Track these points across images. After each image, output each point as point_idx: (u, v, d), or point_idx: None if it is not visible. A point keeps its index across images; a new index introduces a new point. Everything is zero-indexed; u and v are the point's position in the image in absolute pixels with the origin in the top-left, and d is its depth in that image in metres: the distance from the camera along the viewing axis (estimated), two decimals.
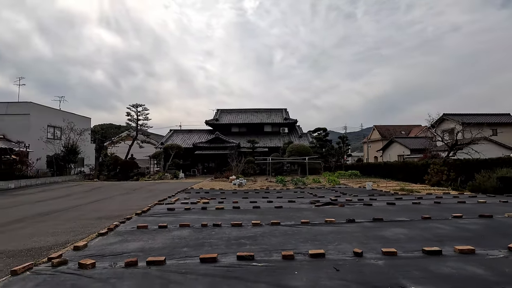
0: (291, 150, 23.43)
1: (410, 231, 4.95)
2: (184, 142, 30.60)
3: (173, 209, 7.53)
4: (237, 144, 27.99)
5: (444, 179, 13.19)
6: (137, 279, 3.09)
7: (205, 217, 6.40)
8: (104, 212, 7.97)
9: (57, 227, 6.01)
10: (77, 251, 4.15)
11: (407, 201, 8.25)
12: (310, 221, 5.74)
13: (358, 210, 7.03)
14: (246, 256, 3.64)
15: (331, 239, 4.54)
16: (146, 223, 5.79)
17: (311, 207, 7.68)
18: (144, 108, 27.56)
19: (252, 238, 4.67)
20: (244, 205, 8.08)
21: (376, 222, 5.63)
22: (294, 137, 31.94)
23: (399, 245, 4.12)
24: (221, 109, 36.25)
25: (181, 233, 5.01)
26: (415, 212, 6.53)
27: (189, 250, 4.11)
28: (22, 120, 24.77)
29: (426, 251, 3.76)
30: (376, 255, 3.72)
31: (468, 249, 3.77)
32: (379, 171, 20.72)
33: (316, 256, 3.68)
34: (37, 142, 23.93)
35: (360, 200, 8.57)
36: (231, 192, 11.82)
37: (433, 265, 3.35)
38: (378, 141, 48.72)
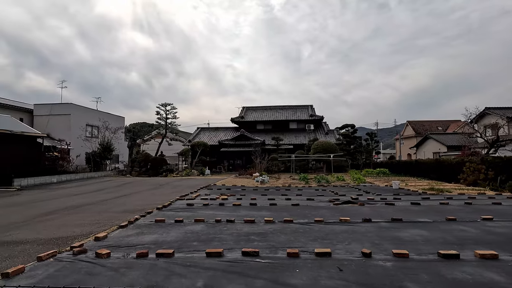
0: (316, 147, 23.00)
1: (430, 232, 4.67)
2: (210, 140, 31.29)
3: (192, 204, 7.77)
4: (262, 141, 28.07)
5: (481, 178, 12.20)
6: (144, 269, 3.26)
7: (221, 213, 6.53)
8: (129, 206, 8.44)
9: (84, 219, 6.49)
10: (97, 241, 4.45)
11: (434, 201, 7.77)
12: (324, 219, 5.64)
13: (378, 210, 6.76)
14: (250, 252, 3.68)
15: (342, 238, 4.43)
16: (164, 217, 6.05)
17: (329, 205, 7.52)
18: (172, 107, 28.59)
19: (262, 234, 4.70)
20: (262, 202, 8.12)
21: (394, 223, 5.39)
22: (320, 134, 31.31)
23: (414, 247, 3.92)
24: (247, 107, 36.52)
25: (195, 228, 5.17)
26: (441, 213, 6.14)
27: (199, 244, 4.24)
28: (64, 120, 26.92)
29: (441, 254, 3.54)
30: (385, 257, 3.57)
31: (490, 254, 3.49)
32: (410, 169, 19.66)
33: (322, 255, 3.62)
34: (76, 140, 25.88)
35: (382, 199, 8.23)
36: (251, 189, 11.91)
37: (446, 269, 3.15)
38: (412, 137, 46.19)
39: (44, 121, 26.93)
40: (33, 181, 15.56)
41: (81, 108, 28.48)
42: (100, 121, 27.17)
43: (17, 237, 5.04)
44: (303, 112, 34.21)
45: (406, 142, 48.18)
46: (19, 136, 15.34)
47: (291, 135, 31.25)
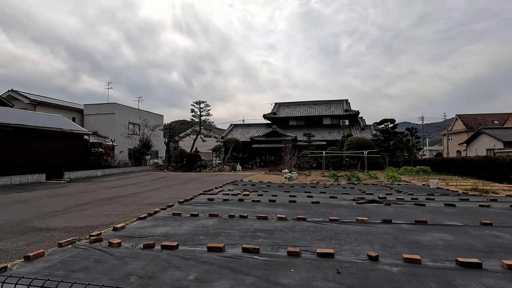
0: (350, 144, 22.05)
1: (456, 237, 4.22)
2: (243, 136, 31.67)
3: (213, 199, 7.94)
4: (294, 137, 27.68)
5: None
6: (146, 260, 3.41)
7: (237, 208, 6.58)
8: (157, 199, 8.88)
9: (112, 210, 6.99)
10: (115, 231, 4.76)
11: (473, 203, 6.99)
12: (339, 218, 5.39)
13: (404, 210, 6.28)
14: (250, 249, 3.65)
15: (353, 239, 4.19)
16: (183, 211, 6.26)
17: (352, 204, 7.16)
18: (206, 105, 29.47)
19: (270, 231, 4.64)
20: (282, 198, 8.01)
21: (418, 225, 4.96)
22: (355, 130, 29.97)
23: (431, 253, 3.57)
24: (279, 103, 36.24)
25: (207, 222, 5.28)
26: (476, 216, 5.51)
27: (205, 238, 4.31)
28: (109, 118, 29.17)
29: (460, 262, 3.17)
30: (394, 261, 3.30)
31: None
32: (456, 167, 17.93)
33: (324, 255, 3.46)
34: (120, 137, 27.94)
35: (413, 199, 7.62)
36: (276, 186, 11.83)
37: (461, 279, 2.81)
38: (462, 132, 42.16)
39: (92, 119, 29.49)
40: (81, 174, 17.16)
41: (124, 107, 30.63)
42: (140, 119, 28.96)
43: (50, 224, 5.59)
44: (337, 107, 32.99)
45: (455, 138, 44.09)
46: (68, 134, 17.00)
47: (325, 131, 30.36)
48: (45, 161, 15.30)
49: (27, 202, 8.59)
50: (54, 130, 16.10)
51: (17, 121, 14.55)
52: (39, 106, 25.45)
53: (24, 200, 8.99)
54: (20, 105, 24.47)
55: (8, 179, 13.16)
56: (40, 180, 14.63)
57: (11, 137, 13.96)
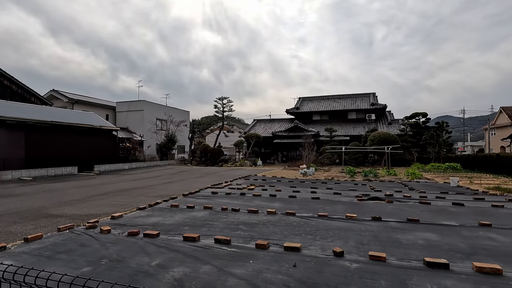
0: (373, 139, 21.19)
1: (442, 238, 4.02)
2: (265, 131, 31.77)
3: (217, 192, 8.20)
4: (316, 132, 27.23)
5: None
6: (124, 246, 3.70)
7: (234, 202, 6.76)
8: (168, 191, 9.36)
9: (121, 201, 7.53)
10: (112, 219, 5.17)
11: (486, 203, 6.49)
12: (329, 214, 5.35)
13: (403, 208, 6.03)
14: (222, 240, 3.80)
15: (330, 235, 4.17)
16: (183, 203, 6.58)
17: (352, 201, 7.01)
18: (229, 100, 29.93)
19: (252, 225, 4.75)
20: (284, 193, 8.05)
21: (407, 223, 4.77)
22: (382, 124, 28.70)
23: (403, 252, 3.47)
24: (303, 97, 35.72)
25: (198, 214, 5.52)
26: (481, 217, 5.14)
27: (188, 229, 4.54)
28: (138, 115, 30.80)
29: (427, 262, 3.06)
30: (358, 258, 3.26)
31: (491, 269, 2.87)
32: (490, 165, 16.53)
33: (290, 249, 3.51)
34: (148, 132, 29.44)
35: (421, 198, 7.25)
36: (287, 181, 11.82)
37: (418, 279, 2.73)
38: (507, 126, 38.50)
39: (123, 116, 31.36)
40: (109, 167, 18.46)
41: (152, 104, 32.15)
42: (166, 115, 30.22)
43: (62, 211, 6.20)
44: (363, 100, 31.75)
45: (499, 133, 40.43)
46: (98, 130, 18.32)
47: (349, 125, 29.43)
48: (78, 155, 16.68)
49: (54, 191, 9.50)
50: (85, 126, 17.45)
51: (53, 118, 16.00)
52: (77, 104, 27.60)
53: (53, 189, 9.95)
54: (60, 104, 26.73)
55: (45, 170, 14.58)
56: (73, 172, 16.01)
57: (48, 133, 15.41)
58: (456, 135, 78.11)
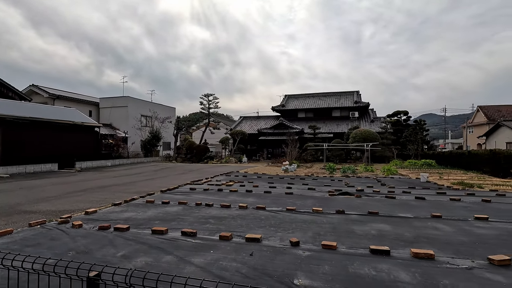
0: (355, 136, 21.78)
1: (393, 228, 4.37)
2: (251, 128, 31.97)
3: (195, 189, 8.38)
4: (300, 129, 27.65)
5: None
6: (93, 239, 3.86)
7: (210, 198, 6.97)
8: (147, 188, 9.45)
9: (98, 197, 7.60)
10: (86, 215, 5.28)
11: (445, 197, 6.96)
12: (297, 208, 5.64)
13: (369, 202, 6.40)
14: (188, 233, 4.01)
15: (293, 227, 4.45)
16: (159, 199, 6.73)
17: (324, 196, 7.35)
18: (214, 97, 29.92)
19: (222, 218, 4.98)
20: (261, 189, 8.31)
21: (367, 216, 5.12)
22: (364, 122, 29.42)
23: (354, 241, 3.79)
24: (289, 95, 36.08)
25: (171, 209, 5.70)
26: (436, 210, 5.54)
27: (159, 223, 4.73)
28: (122, 111, 30.36)
29: (371, 249, 3.38)
30: (311, 247, 3.55)
31: (425, 254, 3.21)
32: (462, 161, 17.35)
33: (251, 240, 3.76)
34: (132, 129, 29.11)
35: (389, 192, 7.66)
36: (267, 177, 12.11)
37: (359, 263, 3.03)
38: (483, 125, 40.17)
39: (107, 112, 30.86)
40: (91, 164, 18.26)
41: (136, 100, 31.74)
42: (151, 111, 29.96)
43: (37, 208, 6.24)
44: (347, 98, 32.40)
45: (476, 131, 42.08)
46: (80, 126, 18.06)
47: (333, 123, 30.02)
48: (58, 152, 16.43)
49: (31, 188, 9.43)
50: (66, 123, 17.18)
51: (32, 114, 15.67)
52: (58, 100, 26.94)
53: (30, 186, 9.86)
54: (40, 99, 26.05)
55: (23, 167, 14.32)
56: (53, 169, 15.78)
57: (26, 129, 15.10)
58: (440, 132, 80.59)
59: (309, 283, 2.62)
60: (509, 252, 3.38)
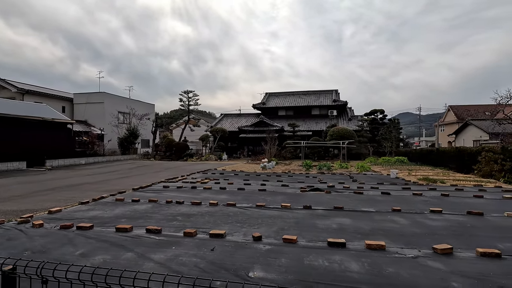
0: (332, 134, 22.32)
1: (354, 222, 4.57)
2: (232, 126, 31.93)
3: (168, 186, 8.32)
4: (280, 127, 27.95)
5: (496, 169, 11.03)
6: (52, 238, 3.78)
7: (182, 195, 6.95)
8: (120, 186, 9.27)
9: (66, 196, 7.38)
10: (49, 214, 5.13)
11: (408, 192, 7.33)
12: (266, 204, 5.75)
13: (337, 198, 6.63)
14: (153, 230, 4.01)
15: (259, 222, 4.55)
16: (130, 197, 6.64)
17: (295, 192, 7.52)
18: (194, 94, 29.60)
19: (190, 215, 5.00)
20: (234, 186, 8.37)
21: (332, 211, 5.31)
22: (342, 120, 30.18)
23: (315, 235, 3.94)
24: (270, 93, 36.31)
25: (140, 207, 5.65)
26: (397, 204, 5.84)
27: (126, 220, 4.68)
28: (98, 107, 29.43)
29: (328, 242, 3.53)
30: (273, 241, 3.66)
31: (377, 245, 3.40)
32: (431, 158, 18.26)
33: (215, 236, 3.82)
34: (109, 126, 28.26)
35: (359, 188, 7.97)
36: (244, 175, 12.19)
37: (315, 255, 3.17)
38: (453, 123, 42.32)
39: (82, 109, 29.77)
40: (63, 162, 17.58)
41: (113, 96, 30.82)
42: (128, 108, 29.21)
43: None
44: (326, 97, 33.07)
45: (447, 129, 44.28)
46: (50, 123, 17.32)
47: (312, 121, 30.58)
48: (27, 149, 15.69)
49: None
50: (35, 119, 16.42)
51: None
52: (27, 94, 25.64)
53: None
54: (8, 94, 24.69)
55: None
56: (21, 168, 15.07)
57: None
58: (416, 130, 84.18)
59: (264, 275, 2.72)
60: (455, 241, 3.65)
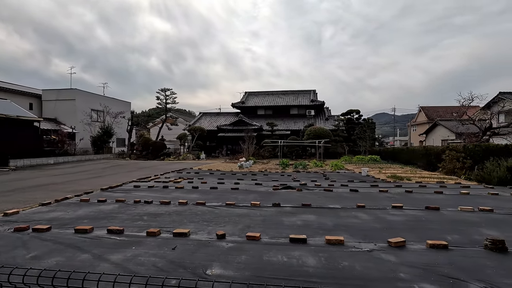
0: (309, 133, 22.74)
1: (319, 218, 4.70)
2: (211, 125, 31.67)
3: (139, 186, 8.13)
4: (259, 126, 28.07)
5: (458, 167, 11.71)
6: (5, 241, 3.58)
7: (152, 195, 6.81)
8: (89, 186, 8.92)
9: (28, 197, 7.02)
10: (5, 216, 4.86)
11: (375, 189, 7.63)
12: (236, 203, 5.77)
13: (307, 196, 6.76)
14: (114, 230, 3.91)
15: (227, 221, 4.56)
16: (96, 197, 6.41)
17: (268, 190, 7.60)
18: (172, 92, 29.02)
19: (157, 215, 4.92)
20: (208, 185, 8.32)
21: (300, 208, 5.43)
22: (320, 120, 30.80)
23: (278, 231, 4.00)
24: (249, 92, 36.35)
25: (106, 208, 5.48)
26: (363, 200, 6.06)
27: (88, 221, 4.52)
28: (69, 105, 28.15)
29: (290, 238, 3.61)
30: (236, 239, 3.69)
31: (336, 240, 3.52)
32: (402, 156, 19.08)
33: (179, 235, 3.78)
34: (81, 124, 27.11)
35: (329, 186, 8.18)
36: (220, 174, 12.14)
37: (275, 251, 3.22)
38: (424, 124, 44.41)
39: (51, 106, 28.35)
40: (29, 162, 16.66)
41: (85, 93, 29.58)
42: (101, 105, 28.17)
43: None
44: (305, 97, 33.60)
45: (419, 129, 46.42)
46: (14, 120, 16.35)
47: (291, 120, 30.96)
48: None
49: None
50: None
51: None
52: None
53: None
54: None
55: None
56: None
57: None
58: (391, 130, 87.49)
59: (221, 272, 2.73)
60: (410, 234, 3.85)
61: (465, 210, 5.14)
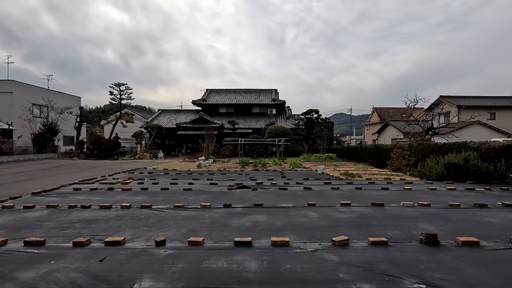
0: (270, 132, 22.94)
1: (268, 219, 4.59)
2: (170, 122, 30.45)
3: (80, 189, 7.39)
4: (220, 124, 27.64)
5: (403, 164, 12.57)
6: None
7: (92, 198, 6.21)
8: (20, 190, 7.87)
9: None
10: None
11: (327, 186, 7.82)
12: (185, 205, 5.46)
13: (261, 195, 6.67)
14: (33, 242, 3.39)
15: (171, 225, 4.25)
16: (23, 203, 5.64)
17: (223, 190, 7.38)
18: (127, 87, 27.28)
19: (92, 221, 4.43)
20: (159, 186, 7.86)
21: (251, 208, 5.29)
22: (281, 119, 31.29)
23: (226, 234, 3.81)
24: (211, 89, 35.65)
25: (32, 215, 4.82)
26: (315, 198, 6.12)
27: (5, 232, 3.91)
28: (6, 98, 25.05)
29: (235, 241, 3.43)
30: (178, 245, 3.41)
31: (281, 241, 3.42)
32: (356, 154, 20.09)
33: (111, 244, 3.39)
34: (20, 120, 24.26)
35: (285, 184, 8.20)
36: (175, 173, 11.61)
37: (217, 256, 3.01)
38: (377, 124, 47.51)
39: None
40: None
41: (25, 86, 26.58)
42: (45, 100, 25.55)
43: None
44: (266, 96, 33.88)
45: (372, 128, 49.54)
46: None
47: (252, 119, 31.00)
48: None
49: None
50: None
51: None
52: None
53: None
54: None
55: None
56: None
57: None
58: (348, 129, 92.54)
59: (151, 285, 2.45)
60: (354, 232, 3.90)
61: (406, 205, 5.43)
